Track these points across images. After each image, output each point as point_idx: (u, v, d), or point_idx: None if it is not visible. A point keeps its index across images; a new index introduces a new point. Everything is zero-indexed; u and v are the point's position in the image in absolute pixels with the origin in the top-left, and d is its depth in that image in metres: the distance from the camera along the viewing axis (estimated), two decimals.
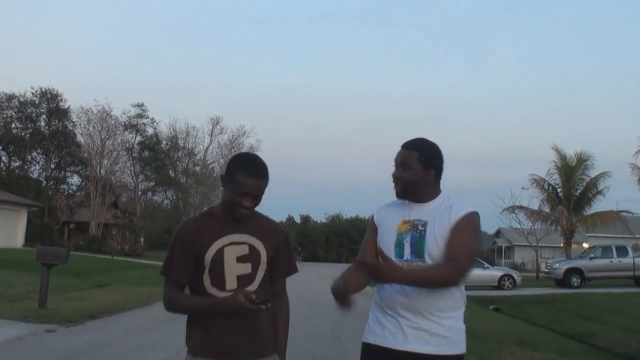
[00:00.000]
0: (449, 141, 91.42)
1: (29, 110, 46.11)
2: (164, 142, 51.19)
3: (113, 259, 32.15)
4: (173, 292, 2.43)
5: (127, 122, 47.33)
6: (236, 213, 2.38)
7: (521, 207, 33.94)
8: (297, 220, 74.60)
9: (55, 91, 46.43)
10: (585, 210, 33.12)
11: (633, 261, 25.44)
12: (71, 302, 12.21)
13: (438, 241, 2.40)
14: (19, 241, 34.16)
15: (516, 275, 26.84)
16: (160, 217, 52.34)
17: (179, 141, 51.67)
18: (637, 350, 11.81)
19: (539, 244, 34.71)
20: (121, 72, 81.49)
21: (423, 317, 2.39)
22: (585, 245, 35.89)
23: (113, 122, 46.57)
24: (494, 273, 26.49)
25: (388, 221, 2.56)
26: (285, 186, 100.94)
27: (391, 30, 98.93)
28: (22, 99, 45.90)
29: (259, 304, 2.26)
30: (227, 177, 2.38)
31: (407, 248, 2.46)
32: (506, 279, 25.96)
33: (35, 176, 47.76)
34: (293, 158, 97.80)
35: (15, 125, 46.76)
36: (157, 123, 49.61)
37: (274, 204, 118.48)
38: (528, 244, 35.79)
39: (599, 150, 79.82)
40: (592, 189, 32.80)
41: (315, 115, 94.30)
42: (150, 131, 49.13)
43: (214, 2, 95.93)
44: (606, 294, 20.48)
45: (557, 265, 26.45)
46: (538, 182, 33.65)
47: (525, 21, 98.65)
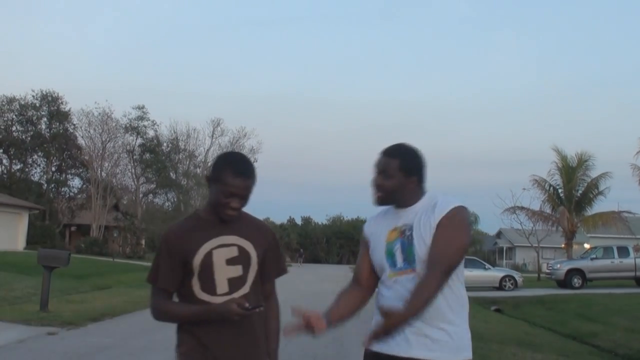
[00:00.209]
0: (450, 143, 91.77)
1: (30, 113, 46.15)
2: (165, 144, 51.27)
3: (114, 262, 32.11)
4: (161, 301, 2.35)
5: (128, 125, 47.44)
6: (223, 214, 2.30)
7: (522, 208, 33.86)
8: (298, 221, 74.71)
9: (56, 94, 46.55)
10: (586, 210, 33.07)
11: (634, 262, 25.36)
12: (72, 305, 12.23)
13: (426, 243, 2.34)
14: (20, 244, 34.13)
15: (517, 276, 26.80)
16: (161, 220, 52.19)
17: (180, 143, 51.78)
18: (639, 351, 11.79)
19: (540, 245, 34.65)
20: (122, 75, 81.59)
21: (425, 323, 2.32)
22: (586, 245, 35.81)
23: (114, 125, 46.72)
24: (495, 274, 26.48)
25: (377, 233, 2.51)
26: (286, 188, 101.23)
27: (394, 33, 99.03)
28: (23, 102, 45.97)
29: (253, 309, 2.21)
30: (213, 178, 2.29)
31: (399, 256, 2.40)
32: (507, 280, 25.91)
33: (36, 179, 47.86)
34: (294, 160, 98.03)
35: (16, 128, 46.83)
36: (158, 125, 49.66)
37: (275, 205, 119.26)
38: (529, 245, 35.74)
39: (600, 150, 79.70)
40: (593, 190, 32.73)
41: (316, 117, 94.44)
42: (151, 133, 49.25)
43: (215, 5, 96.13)
44: (608, 295, 20.44)
45: (559, 266, 26.39)
46: (539, 183, 33.60)
47: (526, 22, 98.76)
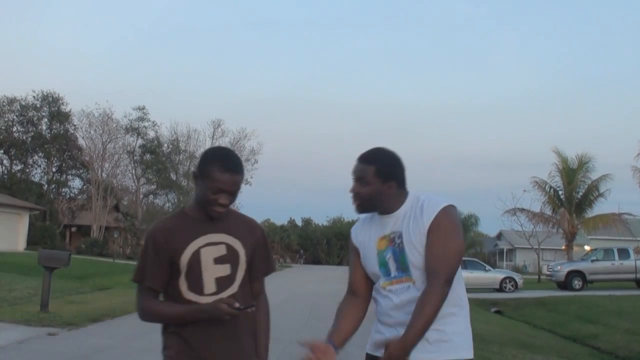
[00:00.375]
0: (451, 145, 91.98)
1: (31, 113, 46.12)
2: (166, 145, 51.22)
3: (115, 262, 32.13)
4: (148, 301, 2.28)
5: (129, 125, 47.46)
6: (211, 211, 2.23)
7: (523, 210, 33.88)
8: (299, 222, 74.67)
9: (56, 94, 46.43)
10: (586, 212, 33.08)
11: (635, 263, 25.32)
12: (73, 306, 12.23)
13: (418, 249, 2.30)
14: (21, 245, 34.14)
15: (518, 277, 26.79)
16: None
17: (181, 144, 51.70)
18: (639, 352, 11.79)
19: (541, 247, 34.64)
20: (122, 75, 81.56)
21: None
22: (587, 247, 35.79)
23: (114, 125, 46.74)
24: (496, 275, 26.46)
25: (366, 240, 2.46)
26: (286, 189, 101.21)
27: (395, 35, 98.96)
28: (24, 103, 45.91)
29: (245, 309, 2.16)
30: (200, 173, 2.21)
31: (392, 264, 2.37)
32: (508, 282, 25.89)
33: (36, 180, 47.79)
34: (294, 161, 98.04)
35: (16, 128, 46.78)
36: (159, 126, 49.59)
37: (275, 207, 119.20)
38: (530, 247, 35.73)
39: (600, 152, 79.83)
40: (594, 192, 32.74)
41: (316, 118, 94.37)
42: (151, 134, 49.20)
43: (216, 6, 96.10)
44: (608, 297, 20.43)
45: (559, 267, 26.38)
46: (539, 185, 33.60)
47: (526, 23, 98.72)
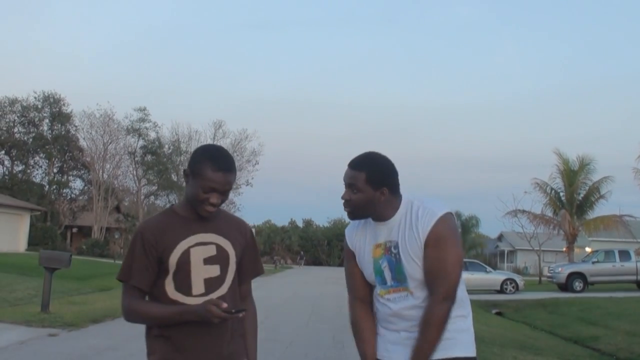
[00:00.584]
0: (452, 146, 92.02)
1: (32, 114, 46.21)
2: (167, 146, 51.25)
3: (115, 263, 32.10)
4: (134, 300, 2.21)
5: (130, 126, 47.53)
6: (202, 211, 2.17)
7: (524, 211, 33.92)
8: (300, 224, 74.74)
9: (57, 95, 46.59)
10: (587, 214, 33.07)
11: (636, 265, 25.33)
12: (74, 306, 12.22)
13: (415, 260, 2.26)
14: (22, 245, 34.18)
15: (519, 279, 26.79)
16: None
17: (182, 145, 51.70)
18: None
19: (542, 248, 34.66)
20: (123, 76, 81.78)
21: None
22: (587, 249, 35.79)
23: (115, 126, 46.87)
24: (497, 277, 26.48)
25: (361, 246, 2.42)
26: (287, 190, 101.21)
27: (396, 36, 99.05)
28: (25, 103, 46.04)
29: (236, 313, 2.08)
30: (192, 172, 2.15)
31: (387, 274, 2.33)
32: (509, 283, 25.90)
33: (37, 180, 47.83)
34: (295, 162, 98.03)
35: (17, 129, 46.90)
36: (160, 127, 49.70)
37: (276, 208, 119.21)
38: (531, 248, 35.75)
39: (602, 154, 79.80)
40: (595, 193, 32.74)
41: (317, 119, 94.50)
42: (152, 135, 49.25)
43: (217, 7, 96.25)
44: (609, 298, 20.39)
45: (560, 269, 26.37)
46: (541, 186, 33.61)
47: (528, 25, 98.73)
